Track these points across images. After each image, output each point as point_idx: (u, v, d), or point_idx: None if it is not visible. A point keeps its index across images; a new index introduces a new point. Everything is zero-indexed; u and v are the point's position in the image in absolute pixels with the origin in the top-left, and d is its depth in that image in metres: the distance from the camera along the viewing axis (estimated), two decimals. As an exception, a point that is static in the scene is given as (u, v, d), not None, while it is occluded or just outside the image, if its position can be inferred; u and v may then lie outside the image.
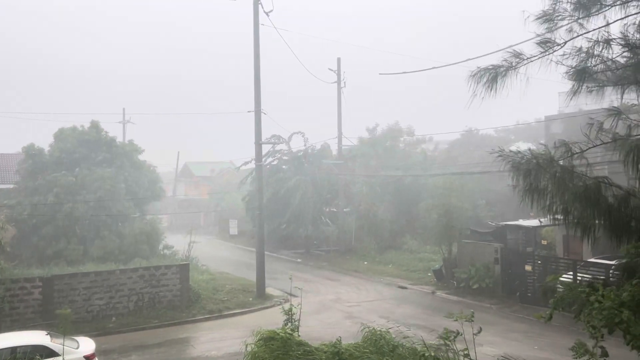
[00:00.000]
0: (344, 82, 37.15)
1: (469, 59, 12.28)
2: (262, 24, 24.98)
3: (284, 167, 40.17)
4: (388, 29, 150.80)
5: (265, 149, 37.32)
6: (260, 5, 24.83)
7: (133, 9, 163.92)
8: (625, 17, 7.57)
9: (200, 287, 23.77)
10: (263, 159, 30.47)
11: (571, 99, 8.05)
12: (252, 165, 30.91)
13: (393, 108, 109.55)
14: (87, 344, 14.57)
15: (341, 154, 37.98)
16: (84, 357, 13.76)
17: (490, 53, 9.87)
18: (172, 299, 21.99)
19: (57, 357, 12.64)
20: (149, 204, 30.79)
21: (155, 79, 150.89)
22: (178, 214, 59.88)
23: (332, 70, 37.20)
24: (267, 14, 25.01)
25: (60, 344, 12.82)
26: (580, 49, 7.92)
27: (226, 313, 22.27)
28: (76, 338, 14.85)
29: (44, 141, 29.50)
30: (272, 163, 40.36)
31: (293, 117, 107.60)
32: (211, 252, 38.77)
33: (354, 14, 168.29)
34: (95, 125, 29.18)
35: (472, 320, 7.83)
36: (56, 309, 19.10)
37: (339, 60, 37.33)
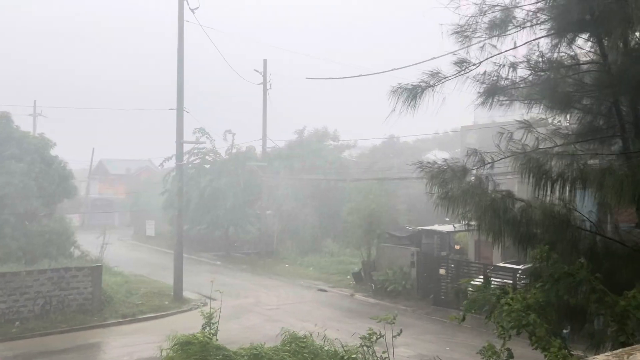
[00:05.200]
0: (270, 84, 37.12)
1: (394, 69, 12.70)
2: (187, 21, 24.46)
3: (206, 166, 39.40)
4: (335, 40, 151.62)
5: (187, 147, 36.49)
6: (185, 1, 24.27)
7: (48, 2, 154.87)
8: (532, 41, 8.11)
9: (113, 290, 22.82)
10: (185, 157, 29.77)
11: (487, 110, 8.50)
12: (173, 162, 30.04)
13: (321, 113, 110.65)
14: (-15, 351, 13.58)
15: (266, 156, 37.82)
16: (-18, 365, 12.81)
17: (414, 64, 10.23)
18: (83, 302, 20.95)
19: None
20: (60, 202, 29.16)
21: (70, 73, 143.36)
22: (91, 213, 57.20)
23: (258, 71, 37.03)
24: (192, 10, 24.52)
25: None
26: (491, 71, 8.44)
27: (140, 317, 21.52)
28: (-27, 345, 13.80)
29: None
30: (195, 162, 39.47)
31: (218, 117, 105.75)
32: (126, 253, 37.32)
33: (285, 19, 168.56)
34: (5, 116, 27.24)
35: (394, 323, 8.07)
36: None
37: (265, 61, 37.25)
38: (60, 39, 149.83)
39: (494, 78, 8.33)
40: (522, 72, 8.25)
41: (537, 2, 7.67)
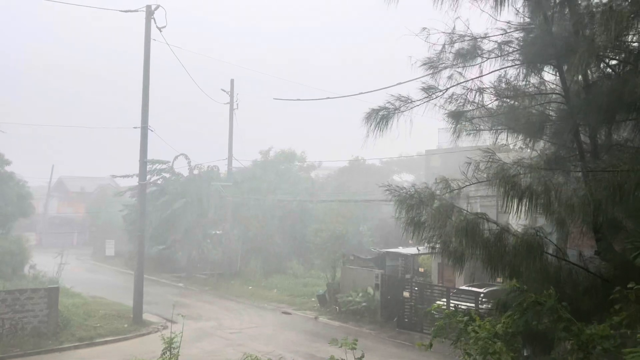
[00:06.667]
0: (237, 104, 37.06)
1: (362, 93, 12.95)
2: (154, 39, 24.26)
3: (169, 186, 38.86)
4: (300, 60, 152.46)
5: (150, 167, 36.01)
6: (153, 20, 24.11)
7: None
8: (498, 70, 8.37)
9: (70, 313, 22.03)
10: (147, 177, 29.26)
11: (453, 140, 8.72)
12: (133, 180, 29.59)
13: (288, 134, 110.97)
14: None
15: (231, 176, 37.53)
16: None
17: (381, 89, 10.43)
18: (38, 325, 20.15)
19: None
20: (16, 221, 28.24)
21: (30, 87, 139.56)
22: (49, 232, 55.53)
23: (225, 91, 36.93)
24: (159, 29, 24.33)
25: None
26: (458, 95, 8.68)
27: (98, 340, 20.79)
28: None
29: None
30: (157, 182, 38.92)
31: (183, 136, 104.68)
32: (84, 274, 36.25)
33: (253, 41, 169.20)
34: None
35: (355, 348, 8.02)
36: None
37: (232, 81, 37.20)
38: (19, 53, 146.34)
39: (461, 102, 8.57)
40: (489, 99, 8.49)
41: (503, 34, 7.93)
